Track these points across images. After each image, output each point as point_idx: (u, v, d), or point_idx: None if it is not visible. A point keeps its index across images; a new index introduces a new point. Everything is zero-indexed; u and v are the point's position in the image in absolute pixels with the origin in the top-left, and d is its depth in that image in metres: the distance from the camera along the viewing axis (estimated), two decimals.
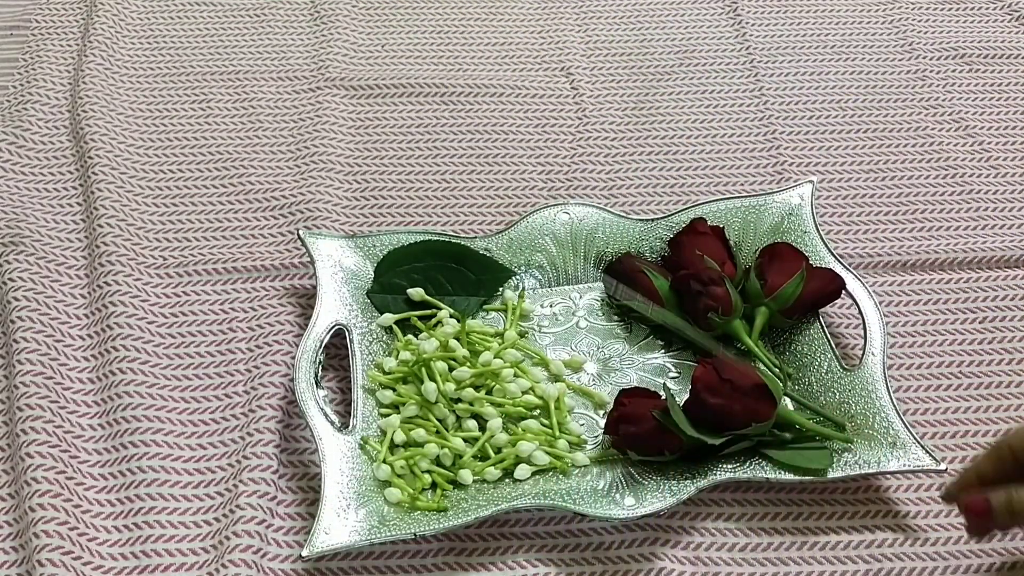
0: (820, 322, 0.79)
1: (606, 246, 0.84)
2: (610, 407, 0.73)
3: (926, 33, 1.06)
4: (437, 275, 0.81)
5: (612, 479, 0.71)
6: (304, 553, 0.66)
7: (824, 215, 0.90)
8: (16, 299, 0.80)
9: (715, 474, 0.70)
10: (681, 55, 1.03)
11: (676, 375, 0.78)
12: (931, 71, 1.02)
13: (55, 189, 0.90)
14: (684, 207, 0.85)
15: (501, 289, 0.82)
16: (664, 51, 1.04)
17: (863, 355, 0.76)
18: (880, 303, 0.80)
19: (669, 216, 0.84)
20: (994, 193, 0.93)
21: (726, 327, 0.77)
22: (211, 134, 0.94)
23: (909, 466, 0.71)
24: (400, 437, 0.73)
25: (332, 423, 0.72)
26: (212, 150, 0.93)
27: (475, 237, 0.83)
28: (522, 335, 0.80)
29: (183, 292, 0.83)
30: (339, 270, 0.80)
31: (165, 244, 0.86)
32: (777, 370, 0.76)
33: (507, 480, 0.72)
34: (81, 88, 0.96)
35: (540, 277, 0.83)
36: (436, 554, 0.70)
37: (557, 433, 0.74)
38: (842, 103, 1.00)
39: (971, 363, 0.81)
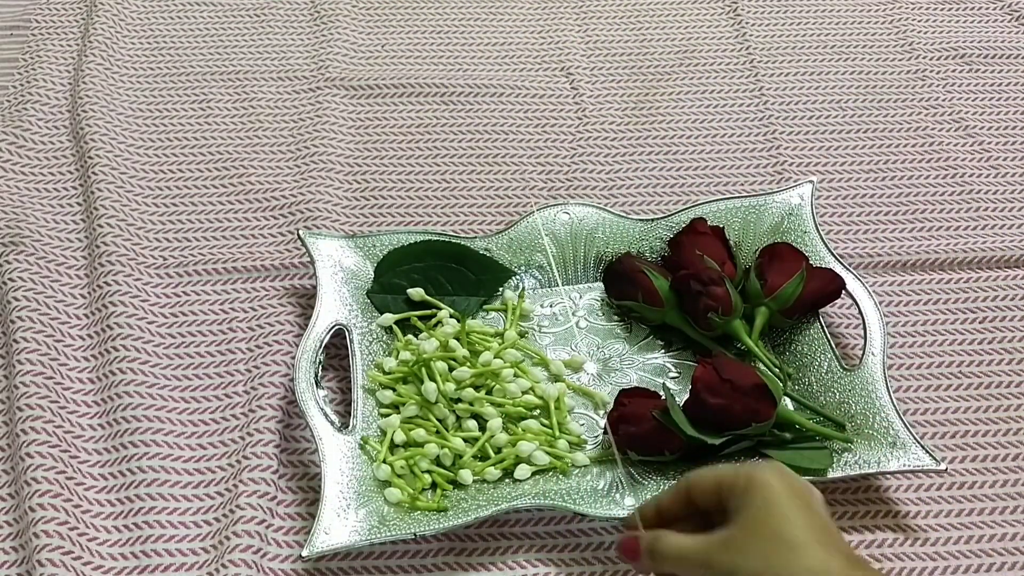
0: (820, 322, 0.79)
1: (606, 246, 0.84)
2: (610, 407, 0.73)
3: (926, 33, 1.06)
4: (437, 275, 0.81)
5: (612, 479, 0.71)
6: (304, 553, 0.66)
7: (824, 215, 0.90)
8: (16, 299, 0.80)
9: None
10: (681, 55, 1.03)
11: (676, 375, 0.78)
12: (931, 71, 1.02)
13: (55, 189, 0.90)
14: (684, 207, 0.85)
15: (501, 289, 0.82)
16: (664, 51, 1.04)
17: (863, 355, 0.76)
18: (880, 303, 0.80)
19: (669, 216, 0.84)
20: (994, 193, 0.93)
21: (726, 327, 0.77)
22: (211, 134, 0.94)
23: (909, 466, 0.71)
24: (400, 437, 0.73)
25: (332, 423, 0.72)
26: (212, 150, 0.93)
27: (475, 237, 0.83)
28: (522, 335, 0.80)
29: (183, 292, 0.83)
30: (339, 270, 0.80)
31: (165, 244, 0.86)
32: (777, 370, 0.76)
33: (507, 480, 0.72)
34: (81, 88, 0.96)
35: (540, 277, 0.83)
36: (436, 554, 0.70)
37: (557, 433, 0.74)
38: (842, 103, 1.00)
39: (971, 363, 0.81)
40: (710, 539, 0.55)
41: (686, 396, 0.72)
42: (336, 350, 0.78)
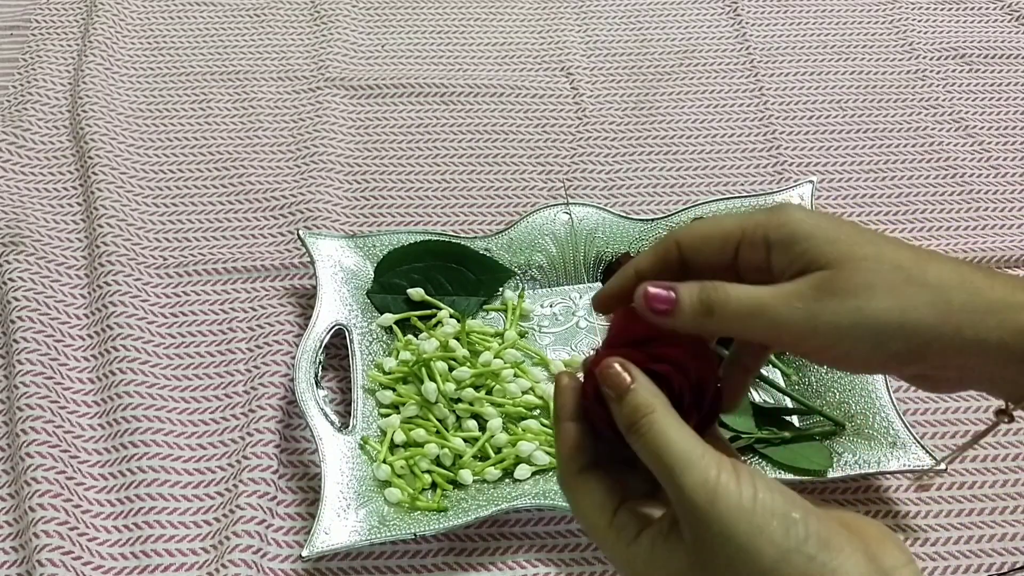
0: None
1: (606, 246, 0.84)
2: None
3: (926, 33, 1.06)
4: (437, 275, 0.81)
5: None
6: (304, 553, 0.66)
7: None
8: (16, 299, 0.80)
9: None
10: (681, 55, 1.03)
11: None
12: (931, 71, 1.02)
13: (55, 189, 0.90)
14: (684, 207, 0.85)
15: (501, 289, 0.82)
16: (664, 51, 1.04)
17: None
18: None
19: (669, 216, 0.84)
20: (994, 193, 0.93)
21: None
22: (211, 134, 0.94)
23: (909, 466, 0.71)
24: (400, 437, 0.73)
25: (332, 423, 0.72)
26: (212, 150, 0.93)
27: (475, 237, 0.83)
28: (522, 335, 0.80)
29: (183, 292, 0.83)
30: (339, 270, 0.80)
31: (165, 244, 0.86)
32: (778, 369, 0.76)
33: (507, 480, 0.72)
34: (81, 88, 0.95)
35: (540, 277, 0.83)
36: (436, 554, 0.70)
37: None
38: (842, 103, 1.00)
39: None
40: (802, 285, 0.42)
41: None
42: (336, 350, 0.78)
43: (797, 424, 0.74)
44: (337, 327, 0.77)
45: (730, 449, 0.46)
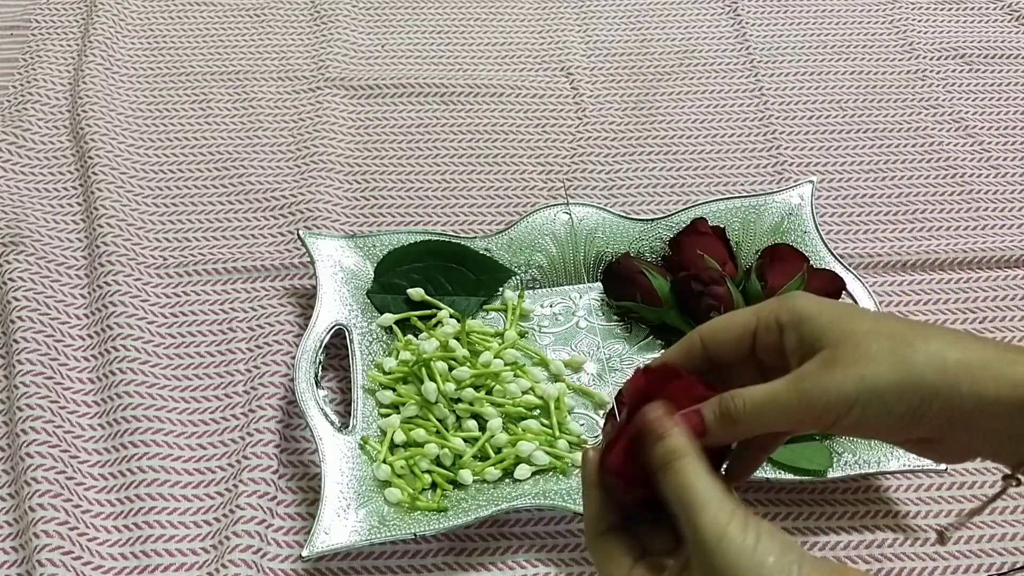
0: None
1: (606, 246, 0.84)
2: (610, 407, 0.73)
3: (926, 33, 1.06)
4: (437, 275, 0.81)
5: None
6: (304, 553, 0.66)
7: (824, 215, 0.90)
8: (16, 299, 0.80)
9: None
10: (681, 55, 1.03)
11: None
12: (931, 71, 1.02)
13: (55, 189, 0.90)
14: (684, 207, 0.84)
15: (501, 289, 0.82)
16: (664, 51, 1.04)
17: None
18: (880, 303, 0.80)
19: (669, 216, 0.84)
20: (994, 193, 0.93)
21: None
22: (211, 134, 0.94)
23: (909, 466, 0.71)
24: (400, 437, 0.73)
25: (332, 423, 0.72)
26: (212, 150, 0.93)
27: (475, 237, 0.83)
28: (522, 335, 0.80)
29: (183, 292, 0.83)
30: (339, 270, 0.80)
31: (165, 244, 0.86)
32: None
33: (507, 480, 0.72)
34: (81, 88, 0.95)
35: (540, 277, 0.83)
36: (436, 554, 0.70)
37: (557, 433, 0.74)
38: (842, 103, 1.00)
39: None
40: (800, 373, 0.46)
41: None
42: (336, 350, 0.78)
43: None
44: (337, 327, 0.77)
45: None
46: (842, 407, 0.45)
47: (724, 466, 0.50)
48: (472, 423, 0.74)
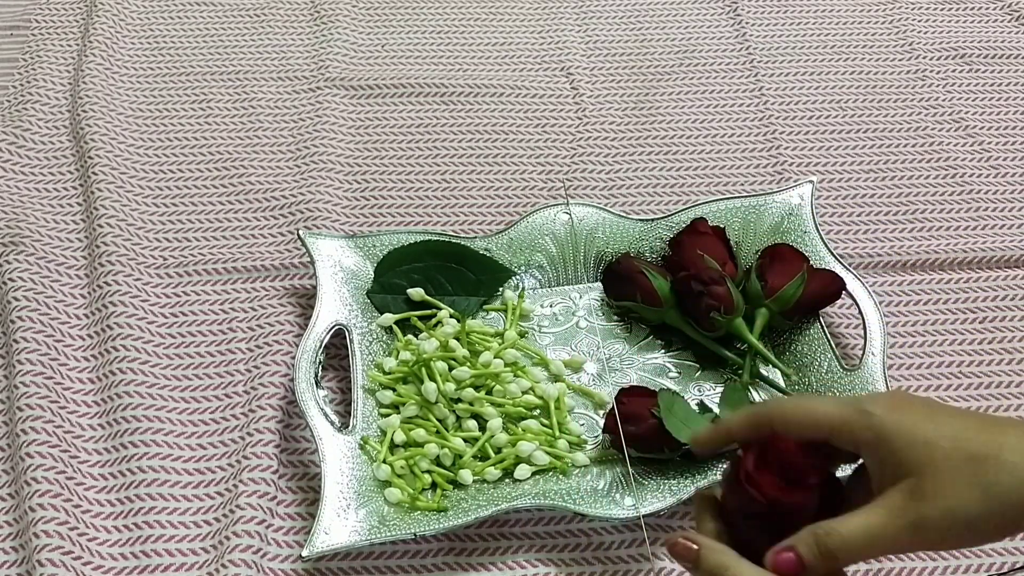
0: (820, 322, 0.79)
1: (606, 246, 0.84)
2: (610, 407, 0.73)
3: (926, 33, 1.06)
4: (437, 275, 0.81)
5: (612, 479, 0.71)
6: (304, 553, 0.66)
7: (824, 215, 0.90)
8: (16, 299, 0.80)
9: (715, 474, 0.70)
10: (681, 55, 1.03)
11: (676, 375, 0.78)
12: (931, 71, 1.02)
13: (55, 189, 0.90)
14: (684, 207, 0.84)
15: (501, 289, 0.82)
16: (664, 51, 1.04)
17: (863, 355, 0.76)
18: (880, 303, 0.80)
19: (669, 216, 0.84)
20: (994, 193, 0.93)
21: (728, 326, 0.77)
22: (211, 134, 0.94)
23: None
24: (400, 437, 0.73)
25: (332, 423, 0.72)
26: (212, 150, 0.93)
27: (475, 237, 0.83)
28: (522, 335, 0.80)
29: (183, 292, 0.83)
30: (339, 270, 0.80)
31: (165, 244, 0.86)
32: (779, 369, 0.76)
33: (507, 480, 0.72)
34: (81, 88, 0.95)
35: (540, 277, 0.83)
36: (436, 554, 0.70)
37: (557, 433, 0.74)
38: (842, 103, 1.00)
39: (971, 363, 0.81)
40: (897, 499, 0.48)
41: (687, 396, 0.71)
42: (336, 350, 0.78)
43: None
44: (337, 327, 0.77)
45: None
46: (937, 538, 0.48)
47: None
48: (472, 423, 0.74)
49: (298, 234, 0.81)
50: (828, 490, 0.52)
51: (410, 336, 0.78)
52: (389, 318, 0.79)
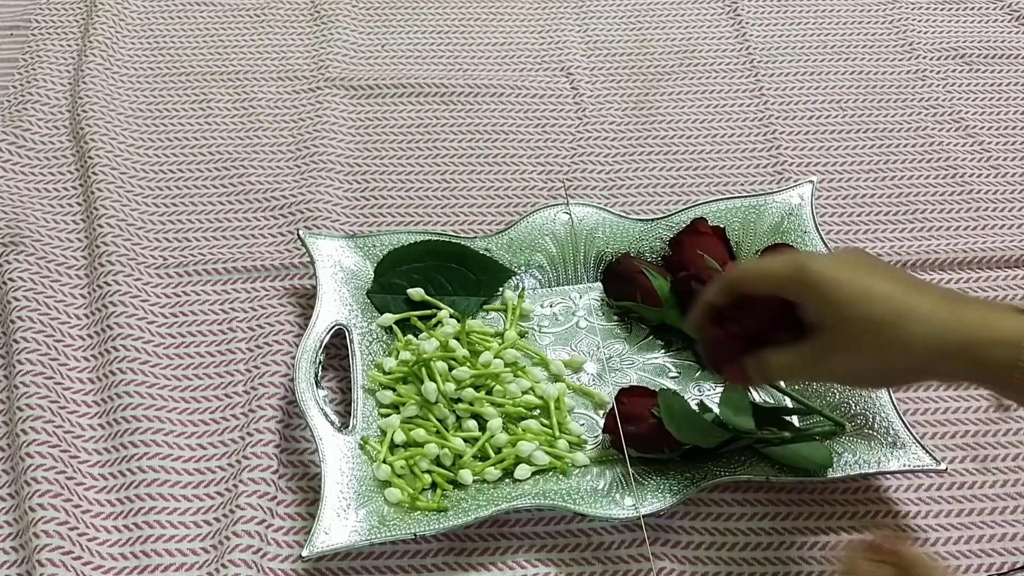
0: None
1: (606, 246, 0.84)
2: (610, 407, 0.73)
3: (926, 33, 1.06)
4: (437, 275, 0.81)
5: (612, 479, 0.71)
6: (304, 553, 0.66)
7: (824, 215, 0.90)
8: (16, 299, 0.80)
9: (715, 474, 0.70)
10: (681, 55, 1.03)
11: (676, 375, 0.78)
12: (931, 71, 1.02)
13: (55, 189, 0.90)
14: (684, 207, 0.84)
15: (501, 289, 0.82)
16: (664, 51, 1.04)
17: None
18: None
19: (669, 216, 0.84)
20: (994, 193, 0.93)
21: None
22: (211, 134, 0.94)
23: (909, 466, 0.71)
24: (400, 437, 0.73)
25: (332, 423, 0.72)
26: (212, 150, 0.93)
27: (475, 237, 0.83)
28: (522, 335, 0.80)
29: (183, 292, 0.83)
30: (339, 270, 0.80)
31: (165, 244, 0.86)
32: None
33: (507, 480, 0.72)
34: (81, 88, 0.96)
35: (540, 277, 0.83)
36: (436, 554, 0.70)
37: (557, 433, 0.74)
38: (842, 103, 1.00)
39: None
40: (811, 347, 0.59)
41: (687, 396, 0.71)
42: (336, 350, 0.78)
43: (797, 424, 0.74)
44: (337, 327, 0.77)
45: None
46: (837, 380, 0.69)
47: None
48: (472, 423, 0.74)
49: (298, 234, 0.81)
50: (789, 329, 0.62)
51: (410, 336, 0.78)
52: (389, 318, 0.79)
